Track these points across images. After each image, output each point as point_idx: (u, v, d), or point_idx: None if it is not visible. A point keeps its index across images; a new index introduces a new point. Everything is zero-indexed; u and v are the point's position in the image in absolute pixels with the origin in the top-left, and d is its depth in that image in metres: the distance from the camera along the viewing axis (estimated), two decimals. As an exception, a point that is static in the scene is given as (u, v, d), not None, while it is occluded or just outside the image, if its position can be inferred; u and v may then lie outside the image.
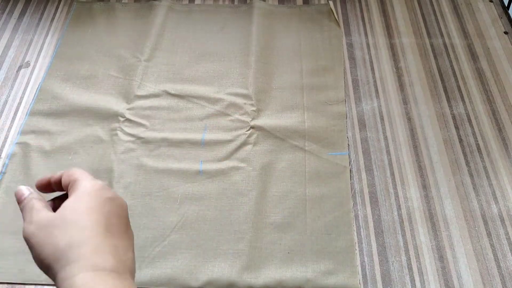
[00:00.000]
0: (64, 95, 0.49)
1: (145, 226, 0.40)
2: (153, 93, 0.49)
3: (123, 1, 0.59)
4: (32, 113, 0.47)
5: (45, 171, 0.43)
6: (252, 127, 0.46)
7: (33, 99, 0.49)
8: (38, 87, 0.50)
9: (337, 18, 0.57)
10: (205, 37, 0.54)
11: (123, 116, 0.47)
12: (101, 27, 0.55)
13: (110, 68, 0.51)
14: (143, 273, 0.38)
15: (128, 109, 0.48)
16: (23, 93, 0.50)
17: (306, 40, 0.54)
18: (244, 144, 0.45)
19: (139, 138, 0.46)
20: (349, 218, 0.41)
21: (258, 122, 0.47)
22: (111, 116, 0.47)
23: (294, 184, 0.43)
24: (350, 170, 0.44)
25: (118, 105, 0.48)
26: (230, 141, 0.45)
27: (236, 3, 0.59)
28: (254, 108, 0.48)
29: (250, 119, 0.47)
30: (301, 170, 0.44)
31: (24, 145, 0.45)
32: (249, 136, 0.46)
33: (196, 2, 0.59)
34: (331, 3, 0.58)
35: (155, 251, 0.39)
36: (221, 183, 0.43)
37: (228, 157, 0.44)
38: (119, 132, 0.46)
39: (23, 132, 0.46)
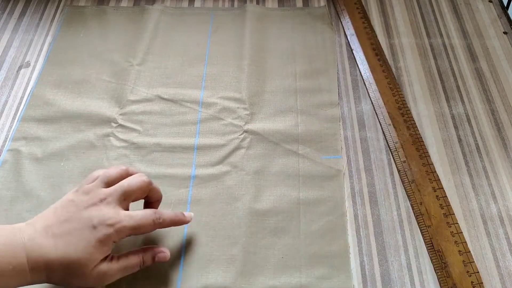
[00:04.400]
0: (56, 100, 0.52)
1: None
2: (145, 97, 0.52)
3: (115, 5, 0.62)
4: (24, 119, 0.50)
5: (37, 178, 0.46)
6: (245, 131, 0.49)
7: (24, 105, 0.52)
8: (29, 93, 0.52)
9: (331, 21, 0.60)
10: (198, 41, 0.58)
11: (115, 122, 0.50)
12: (93, 31, 0.59)
13: (103, 72, 0.54)
14: (137, 280, 0.40)
15: (120, 114, 0.51)
16: (23, 93, 0.53)
17: (300, 43, 0.58)
18: (237, 148, 0.48)
19: (132, 143, 0.48)
20: (343, 221, 0.43)
21: (252, 126, 0.50)
22: (103, 122, 0.50)
23: (287, 188, 0.45)
24: (344, 173, 0.47)
25: (110, 110, 0.51)
26: (223, 145, 0.48)
27: (235, 5, 0.62)
28: (247, 112, 0.51)
29: (243, 123, 0.50)
30: (295, 174, 0.46)
31: (15, 152, 0.48)
32: (242, 140, 0.49)
33: (196, 5, 0.62)
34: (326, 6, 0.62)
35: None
36: (214, 188, 0.45)
37: (221, 161, 0.47)
38: (111, 138, 0.49)
39: (14, 139, 0.49)
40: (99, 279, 0.35)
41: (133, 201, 0.38)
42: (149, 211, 0.37)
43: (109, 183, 0.37)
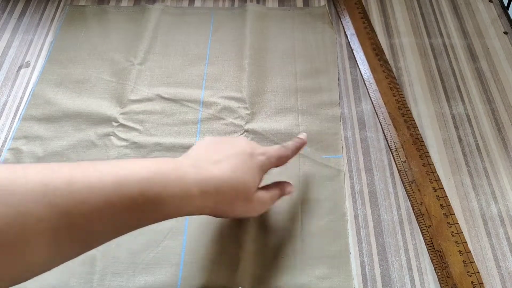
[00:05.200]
0: (57, 99, 0.52)
1: (138, 231, 0.42)
2: (146, 97, 0.52)
3: (115, 5, 0.62)
4: (25, 118, 0.50)
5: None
6: (246, 131, 0.49)
7: (25, 104, 0.52)
8: (30, 92, 0.52)
9: (331, 20, 0.60)
10: (199, 40, 0.58)
11: (116, 121, 0.50)
12: (94, 31, 0.59)
13: (103, 72, 0.54)
14: (137, 279, 0.40)
15: (121, 113, 0.51)
16: (23, 93, 0.53)
17: (300, 42, 0.58)
18: (239, 147, 0.48)
19: (132, 143, 0.48)
20: (344, 221, 0.43)
21: (252, 125, 0.50)
22: (104, 121, 0.50)
23: (288, 187, 0.46)
24: (345, 173, 0.47)
25: (111, 109, 0.51)
26: (224, 144, 0.48)
27: (236, 5, 0.62)
28: (248, 112, 0.51)
29: (244, 123, 0.50)
30: (295, 174, 0.46)
31: (16, 151, 0.48)
32: (244, 139, 0.49)
33: (196, 5, 0.62)
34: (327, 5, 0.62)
35: (149, 257, 0.41)
36: (216, 187, 0.46)
37: (222, 160, 0.47)
38: (112, 137, 0.49)
39: (15, 138, 0.49)
40: (258, 206, 0.37)
41: None
42: (277, 147, 0.40)
43: None
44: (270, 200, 0.39)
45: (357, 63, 0.56)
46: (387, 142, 0.49)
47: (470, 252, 0.41)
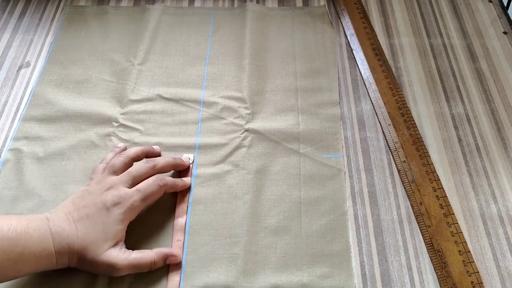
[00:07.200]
0: (57, 100, 0.52)
1: (142, 230, 0.43)
2: (146, 97, 0.52)
3: (116, 5, 0.62)
4: (25, 118, 0.50)
5: (38, 178, 0.46)
6: (246, 130, 0.49)
7: (26, 105, 0.51)
8: (31, 93, 0.52)
9: (331, 20, 0.60)
10: (199, 40, 0.58)
11: (117, 121, 0.50)
12: (94, 31, 0.59)
13: (104, 72, 0.54)
14: (139, 280, 0.40)
15: (122, 113, 0.51)
16: (23, 93, 0.53)
17: (300, 42, 0.58)
18: (238, 147, 0.48)
19: (133, 143, 0.48)
20: (345, 220, 0.43)
21: (253, 125, 0.50)
22: (105, 121, 0.50)
23: (289, 187, 0.45)
24: (345, 173, 0.47)
25: (111, 109, 0.51)
26: (224, 144, 0.48)
27: (235, 5, 0.62)
28: (248, 111, 0.51)
29: (245, 122, 0.50)
30: (296, 173, 0.46)
31: (16, 151, 0.48)
32: (244, 139, 0.49)
33: (196, 5, 0.62)
34: (326, 5, 0.62)
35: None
36: (216, 187, 0.45)
37: (222, 160, 0.47)
38: (113, 137, 0.49)
39: (15, 138, 0.49)
40: (105, 268, 0.37)
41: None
42: (151, 179, 0.41)
43: (116, 172, 0.41)
44: (128, 267, 0.38)
45: (356, 63, 0.56)
46: (387, 142, 0.49)
47: (469, 251, 0.41)
